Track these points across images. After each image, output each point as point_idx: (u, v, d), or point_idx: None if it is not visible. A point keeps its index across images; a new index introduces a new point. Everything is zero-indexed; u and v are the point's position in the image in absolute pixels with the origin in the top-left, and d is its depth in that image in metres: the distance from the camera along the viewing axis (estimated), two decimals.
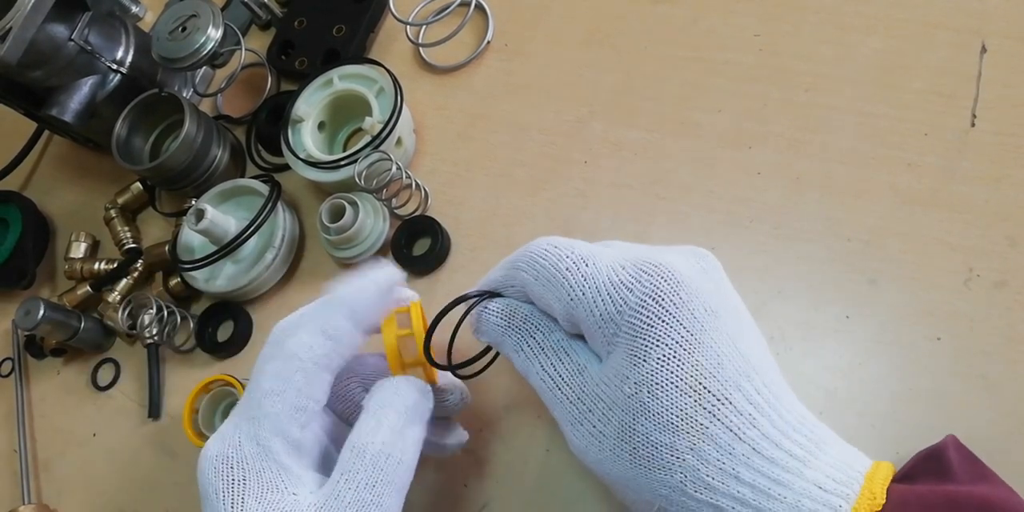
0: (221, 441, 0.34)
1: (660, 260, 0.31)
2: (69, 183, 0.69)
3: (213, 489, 0.33)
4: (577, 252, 0.33)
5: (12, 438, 0.58)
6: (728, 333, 0.31)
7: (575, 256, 0.33)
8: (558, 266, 0.33)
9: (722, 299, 0.32)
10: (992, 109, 0.43)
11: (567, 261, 0.33)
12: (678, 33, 0.52)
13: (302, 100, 0.55)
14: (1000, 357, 0.38)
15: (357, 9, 0.60)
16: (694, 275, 0.31)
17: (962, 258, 0.40)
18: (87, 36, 0.57)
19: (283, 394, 0.34)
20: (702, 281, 0.31)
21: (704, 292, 0.31)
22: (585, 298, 0.32)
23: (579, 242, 0.34)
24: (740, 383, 0.30)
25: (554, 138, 0.52)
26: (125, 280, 0.59)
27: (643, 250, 0.33)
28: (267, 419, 0.34)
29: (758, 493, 0.29)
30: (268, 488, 0.33)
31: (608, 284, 0.31)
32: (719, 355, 0.30)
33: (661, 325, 0.30)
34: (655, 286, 0.30)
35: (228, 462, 0.33)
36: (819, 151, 0.45)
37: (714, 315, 0.30)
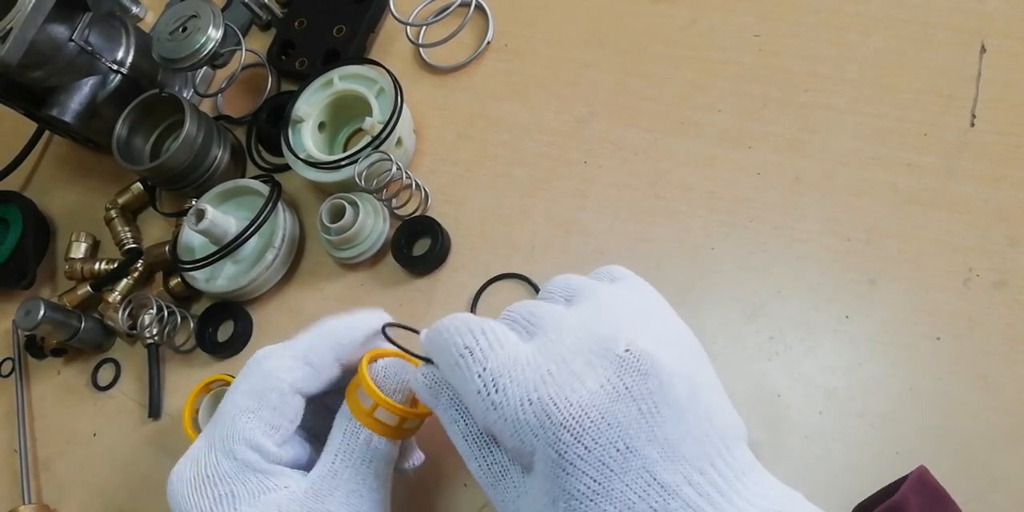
0: (195, 462, 0.35)
1: (568, 400, 0.28)
2: (69, 183, 0.69)
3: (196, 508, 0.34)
4: (490, 369, 0.30)
5: (12, 438, 0.58)
6: (647, 466, 0.28)
7: (486, 377, 0.30)
8: (470, 385, 0.30)
9: (644, 427, 0.28)
10: (992, 109, 0.43)
11: (478, 382, 0.30)
12: (678, 33, 0.52)
13: (302, 100, 0.55)
14: (1000, 357, 0.38)
15: (357, 9, 0.60)
16: (609, 410, 0.28)
17: (962, 258, 0.40)
18: (87, 36, 0.57)
19: (258, 412, 0.35)
20: (619, 414, 0.28)
21: (618, 429, 0.28)
22: (496, 427, 0.30)
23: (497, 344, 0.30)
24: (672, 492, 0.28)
25: (554, 138, 0.52)
26: (125, 280, 0.59)
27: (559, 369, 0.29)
28: (241, 436, 0.35)
29: None
30: (258, 492, 0.34)
31: (515, 422, 0.29)
32: (630, 497, 0.28)
33: (566, 476, 0.28)
34: (557, 437, 0.28)
35: (210, 481, 0.34)
36: (819, 151, 0.45)
37: (628, 454, 0.28)
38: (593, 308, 0.32)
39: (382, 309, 0.39)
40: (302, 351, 0.37)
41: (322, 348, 0.37)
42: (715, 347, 0.42)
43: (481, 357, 0.30)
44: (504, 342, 0.31)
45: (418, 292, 0.50)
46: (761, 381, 0.41)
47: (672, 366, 0.29)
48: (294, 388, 0.36)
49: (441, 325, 0.32)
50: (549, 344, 0.31)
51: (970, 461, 0.36)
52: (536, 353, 0.30)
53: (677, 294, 0.44)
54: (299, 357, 0.36)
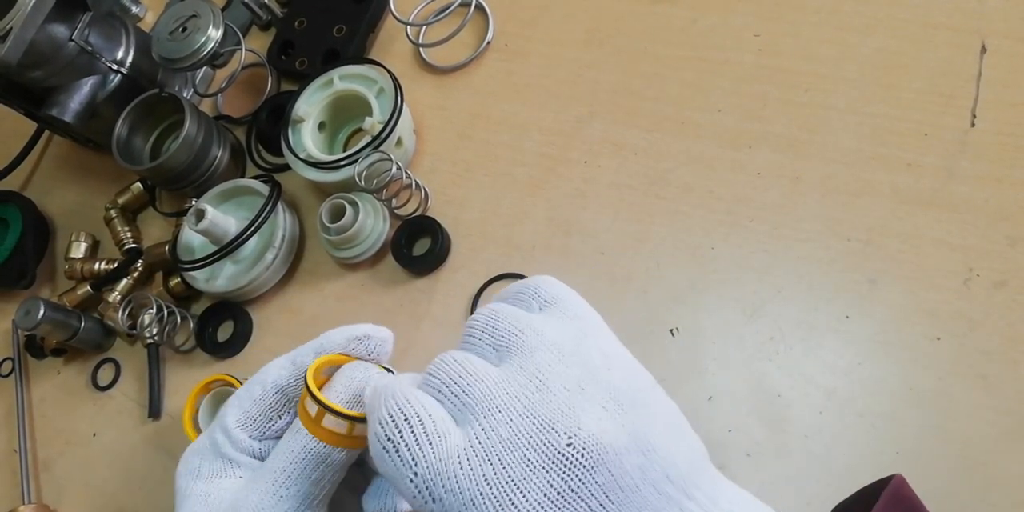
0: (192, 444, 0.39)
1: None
2: (69, 183, 0.69)
3: (180, 477, 0.38)
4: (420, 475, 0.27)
5: (12, 438, 0.58)
6: None
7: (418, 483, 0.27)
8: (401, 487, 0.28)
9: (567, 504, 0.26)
10: (992, 109, 0.43)
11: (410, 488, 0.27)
12: (678, 33, 0.52)
13: (302, 100, 0.55)
14: (1000, 357, 0.38)
15: (357, 9, 0.60)
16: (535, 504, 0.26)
17: (962, 258, 0.40)
18: (87, 36, 0.57)
19: (240, 403, 0.38)
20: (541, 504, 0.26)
21: None
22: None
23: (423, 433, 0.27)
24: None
25: (554, 138, 0.52)
26: (125, 280, 0.59)
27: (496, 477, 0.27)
28: (221, 421, 0.38)
29: None
30: (217, 474, 0.37)
31: None
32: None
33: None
34: None
35: (191, 454, 0.38)
36: (819, 151, 0.45)
37: None
38: (527, 371, 0.29)
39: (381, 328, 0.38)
40: (294, 352, 0.39)
41: (306, 349, 0.38)
42: (715, 347, 0.42)
43: (408, 457, 0.27)
44: (431, 435, 0.27)
45: (418, 292, 0.50)
46: (761, 381, 0.41)
47: (620, 442, 0.27)
48: (275, 385, 0.38)
49: (369, 398, 0.31)
50: (482, 436, 0.27)
51: (970, 461, 0.36)
52: (469, 451, 0.27)
53: (677, 294, 0.44)
54: (288, 358, 0.39)
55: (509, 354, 0.30)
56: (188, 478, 0.37)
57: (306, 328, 0.52)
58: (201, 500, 0.36)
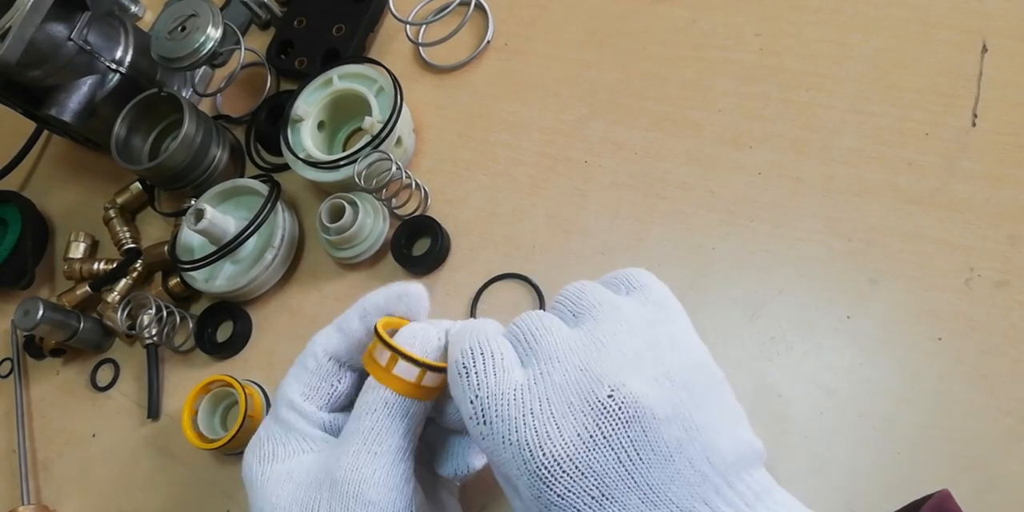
0: (256, 432, 0.38)
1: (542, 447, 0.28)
2: (68, 183, 0.69)
3: (249, 469, 0.36)
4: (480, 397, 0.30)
5: (12, 438, 0.58)
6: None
7: (477, 404, 0.30)
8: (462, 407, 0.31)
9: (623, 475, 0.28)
10: (993, 109, 0.43)
11: (469, 408, 0.30)
12: (678, 33, 0.52)
13: (302, 100, 0.55)
14: (1001, 357, 0.38)
15: (357, 9, 0.60)
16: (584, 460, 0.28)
17: (963, 258, 0.40)
18: (86, 36, 0.57)
19: (298, 376, 0.38)
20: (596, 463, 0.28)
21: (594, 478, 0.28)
22: (485, 452, 0.31)
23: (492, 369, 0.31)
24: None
25: (554, 138, 0.52)
26: (124, 280, 0.59)
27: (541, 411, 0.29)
28: (284, 398, 0.37)
29: None
30: (297, 452, 0.36)
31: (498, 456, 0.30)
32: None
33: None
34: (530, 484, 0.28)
35: (259, 441, 0.37)
36: (820, 151, 0.45)
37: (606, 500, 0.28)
38: (593, 335, 0.32)
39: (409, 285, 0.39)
40: (336, 320, 0.39)
41: (350, 313, 0.39)
42: (716, 347, 0.42)
43: (475, 383, 0.31)
44: (499, 368, 0.31)
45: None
46: (762, 381, 0.41)
47: (661, 410, 0.29)
48: (326, 352, 0.38)
49: (456, 334, 0.34)
50: (539, 378, 0.30)
51: (970, 461, 0.36)
52: (524, 387, 0.30)
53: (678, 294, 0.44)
54: (333, 326, 0.39)
55: (584, 320, 0.33)
56: (262, 464, 0.36)
57: (306, 328, 0.52)
58: (284, 478, 0.35)
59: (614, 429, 0.28)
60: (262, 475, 0.35)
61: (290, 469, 0.35)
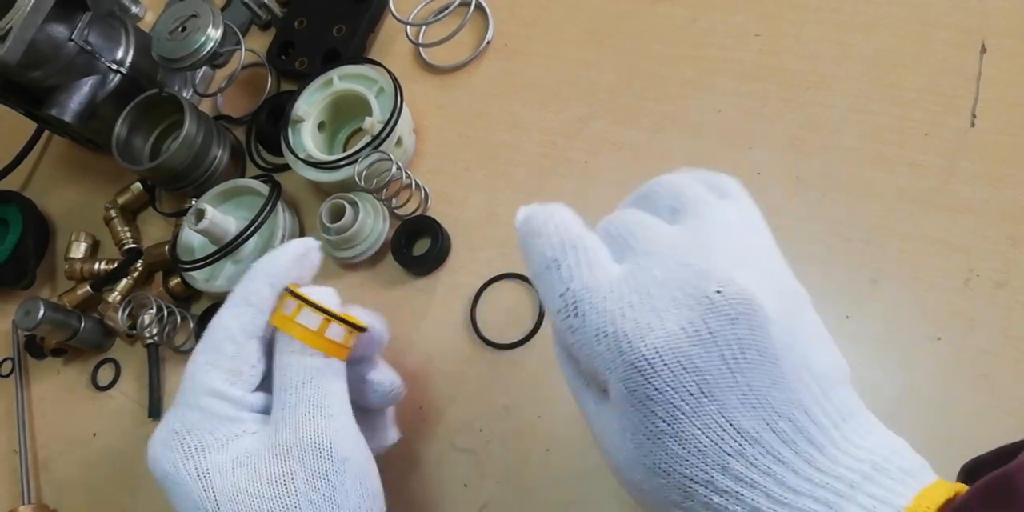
0: (165, 425, 0.36)
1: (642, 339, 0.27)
2: (69, 183, 0.69)
3: (171, 465, 0.34)
4: (572, 290, 0.29)
5: (12, 438, 0.58)
6: (723, 411, 0.27)
7: (568, 297, 0.29)
8: (549, 301, 0.30)
9: (725, 372, 0.27)
10: (992, 109, 0.43)
11: (559, 301, 0.29)
12: (678, 33, 0.52)
13: (302, 100, 0.55)
14: (1001, 357, 0.38)
15: (357, 9, 0.60)
16: (686, 354, 0.27)
17: (962, 258, 0.40)
18: (87, 36, 0.57)
19: (216, 362, 0.36)
20: (698, 358, 0.27)
21: (695, 373, 0.27)
22: (574, 348, 0.30)
23: (584, 262, 0.30)
24: (727, 463, 0.27)
25: (554, 138, 0.52)
26: (125, 280, 0.59)
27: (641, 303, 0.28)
28: (204, 387, 0.36)
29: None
30: (227, 439, 0.35)
31: (589, 350, 0.29)
32: (701, 440, 0.27)
33: (634, 413, 0.28)
34: (627, 375, 0.27)
35: (179, 435, 0.35)
36: (819, 151, 0.45)
37: (703, 397, 0.27)
38: (695, 231, 0.30)
39: (308, 239, 0.39)
40: (240, 295, 0.37)
41: (255, 285, 0.37)
42: None
43: (567, 275, 0.29)
44: (592, 263, 0.30)
45: (418, 292, 0.50)
46: None
47: (767, 310, 0.28)
48: (244, 332, 0.36)
49: (537, 223, 0.32)
50: (637, 272, 0.29)
51: None
52: (622, 281, 0.29)
53: None
54: (239, 301, 0.37)
55: (685, 217, 0.31)
56: (191, 458, 0.34)
57: None
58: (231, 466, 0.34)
59: (721, 325, 0.27)
60: (195, 469, 0.34)
61: (235, 455, 0.34)
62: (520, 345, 0.46)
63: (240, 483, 0.33)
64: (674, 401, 0.27)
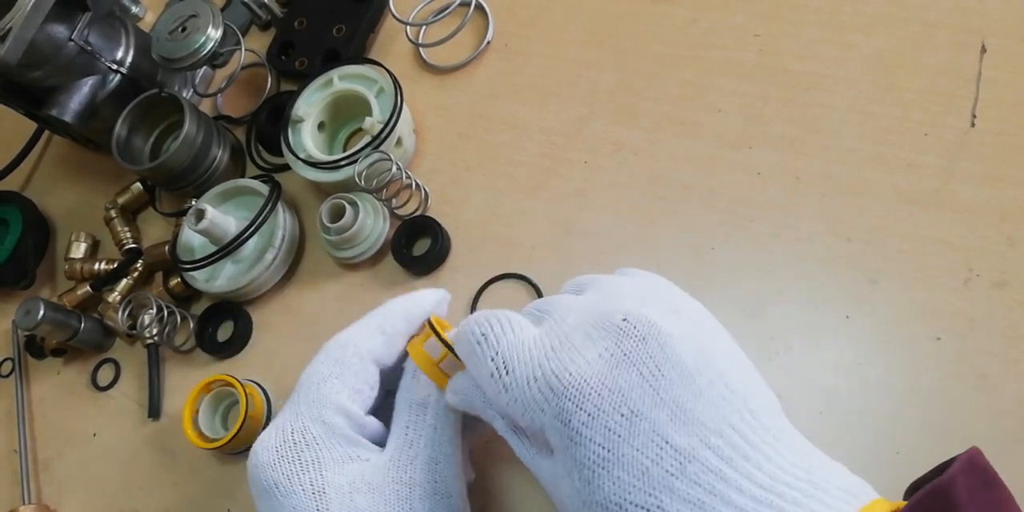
0: (281, 430, 0.35)
1: (568, 371, 0.29)
2: (69, 183, 0.69)
3: (284, 476, 0.34)
4: (501, 353, 0.31)
5: (12, 438, 0.58)
6: (656, 429, 0.28)
7: (498, 361, 0.31)
8: (481, 370, 0.32)
9: (647, 391, 0.29)
10: (992, 109, 0.43)
11: (490, 365, 0.31)
12: (678, 33, 0.52)
13: (302, 100, 0.55)
14: (1000, 357, 0.38)
15: (357, 9, 0.60)
16: (608, 376, 0.29)
17: (962, 258, 0.40)
18: (87, 36, 0.57)
19: (342, 376, 0.36)
20: (619, 380, 0.29)
21: (620, 394, 0.28)
22: (509, 409, 0.31)
23: (509, 330, 0.32)
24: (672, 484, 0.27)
25: (554, 138, 0.52)
26: (125, 280, 0.59)
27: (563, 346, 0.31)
28: (329, 400, 0.35)
29: None
30: (344, 460, 0.34)
31: (523, 400, 0.30)
32: (643, 462, 0.28)
33: (575, 447, 0.29)
34: (561, 407, 0.29)
35: (297, 447, 0.34)
36: (819, 151, 0.45)
37: (634, 417, 0.28)
38: (599, 292, 0.34)
39: (444, 290, 0.41)
40: (376, 322, 0.38)
41: (393, 318, 0.38)
42: None
43: (494, 342, 0.32)
44: (515, 326, 0.32)
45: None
46: None
47: (674, 331, 0.30)
48: (371, 355, 0.37)
49: (466, 320, 0.34)
50: (554, 325, 0.32)
51: None
52: (543, 335, 0.32)
53: None
54: (373, 327, 0.38)
55: (588, 289, 0.35)
56: (308, 472, 0.34)
57: (306, 328, 0.52)
58: (350, 489, 0.33)
59: (633, 346, 0.29)
60: (311, 484, 0.33)
61: (352, 480, 0.34)
62: None
63: (358, 509, 0.33)
64: (608, 424, 0.28)
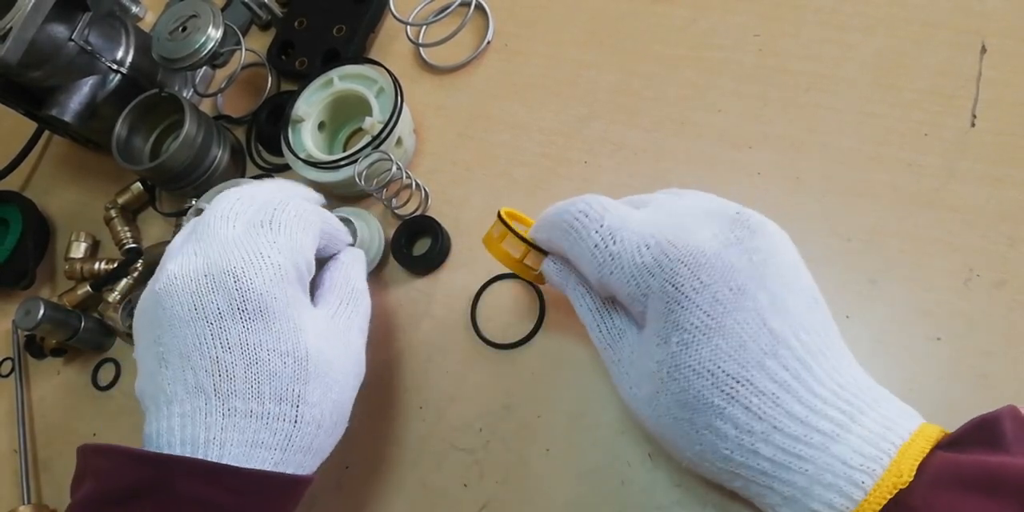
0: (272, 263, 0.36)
1: (684, 241, 0.31)
2: (69, 183, 0.69)
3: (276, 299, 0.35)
4: (607, 225, 0.33)
5: (12, 438, 0.58)
6: (757, 309, 0.30)
7: (603, 232, 0.33)
8: (587, 242, 0.33)
9: (754, 274, 0.31)
10: (992, 109, 0.43)
11: (595, 237, 0.33)
12: (678, 33, 0.52)
13: (302, 100, 0.55)
14: (1000, 357, 0.38)
15: (357, 9, 0.60)
16: (721, 253, 0.31)
17: (962, 258, 0.40)
18: (87, 36, 0.57)
19: (314, 237, 0.40)
20: (731, 258, 0.31)
21: (731, 270, 0.31)
22: (612, 277, 0.32)
23: (612, 208, 0.34)
24: (764, 362, 0.30)
25: (554, 138, 0.52)
26: (125, 280, 0.59)
27: (672, 223, 0.33)
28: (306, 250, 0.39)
29: (778, 467, 0.29)
30: (307, 305, 0.38)
31: (632, 266, 0.32)
32: (742, 336, 0.30)
33: (680, 310, 0.30)
34: (674, 271, 0.31)
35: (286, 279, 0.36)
36: (819, 151, 0.45)
37: (740, 294, 0.30)
38: (685, 196, 0.36)
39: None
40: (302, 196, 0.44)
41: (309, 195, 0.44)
42: None
43: (597, 216, 0.33)
44: (615, 206, 0.34)
45: (418, 292, 0.50)
46: None
47: (782, 234, 0.33)
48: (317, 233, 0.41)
49: (555, 206, 0.36)
50: (660, 209, 0.34)
51: None
52: (649, 214, 0.34)
53: None
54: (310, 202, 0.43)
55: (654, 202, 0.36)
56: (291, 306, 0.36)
57: None
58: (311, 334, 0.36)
59: (745, 234, 0.32)
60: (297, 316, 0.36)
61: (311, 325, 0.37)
62: (520, 345, 0.46)
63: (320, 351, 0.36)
64: (716, 295, 0.30)
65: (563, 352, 0.45)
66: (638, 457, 0.40)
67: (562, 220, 0.35)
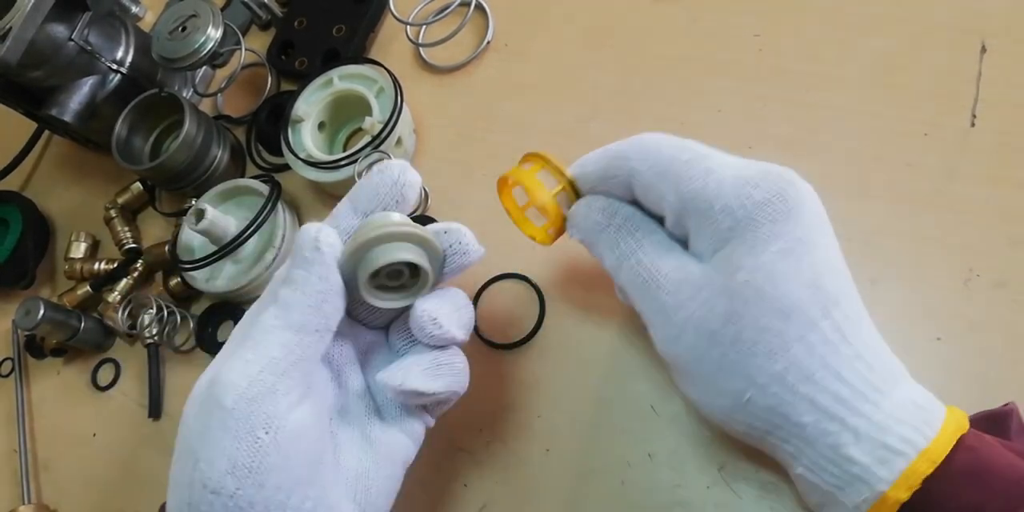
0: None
1: (782, 168, 0.32)
2: (69, 183, 0.69)
3: None
4: (697, 147, 0.34)
5: (12, 438, 0.58)
6: (828, 255, 0.32)
7: (695, 150, 0.34)
8: (678, 157, 0.33)
9: (826, 226, 0.33)
10: (992, 109, 0.43)
11: (688, 153, 0.33)
12: (678, 33, 0.52)
13: (302, 100, 0.55)
14: (1000, 357, 0.38)
15: (357, 9, 0.60)
16: (811, 189, 0.33)
17: (962, 258, 0.40)
18: (87, 36, 0.57)
19: None
20: (815, 197, 0.33)
21: (818, 204, 0.32)
22: (707, 190, 0.32)
23: (692, 141, 0.35)
24: (847, 290, 0.31)
25: (554, 138, 0.52)
26: (125, 280, 0.59)
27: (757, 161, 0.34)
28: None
29: (857, 394, 0.29)
30: None
31: (732, 178, 0.32)
32: (830, 261, 0.31)
33: (784, 221, 0.31)
34: (780, 188, 0.31)
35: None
36: (819, 151, 0.45)
37: (827, 225, 0.32)
38: None
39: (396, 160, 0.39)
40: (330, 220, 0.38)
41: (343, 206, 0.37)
42: None
43: (682, 140, 0.34)
44: None
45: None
46: None
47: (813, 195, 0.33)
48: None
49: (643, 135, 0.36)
50: None
51: None
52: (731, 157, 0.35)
53: None
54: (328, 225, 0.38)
55: None
56: None
57: None
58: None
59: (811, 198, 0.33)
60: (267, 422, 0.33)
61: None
62: (520, 345, 0.46)
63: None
64: (814, 218, 0.32)
65: (563, 352, 0.45)
66: (638, 457, 0.40)
67: (639, 145, 0.35)
